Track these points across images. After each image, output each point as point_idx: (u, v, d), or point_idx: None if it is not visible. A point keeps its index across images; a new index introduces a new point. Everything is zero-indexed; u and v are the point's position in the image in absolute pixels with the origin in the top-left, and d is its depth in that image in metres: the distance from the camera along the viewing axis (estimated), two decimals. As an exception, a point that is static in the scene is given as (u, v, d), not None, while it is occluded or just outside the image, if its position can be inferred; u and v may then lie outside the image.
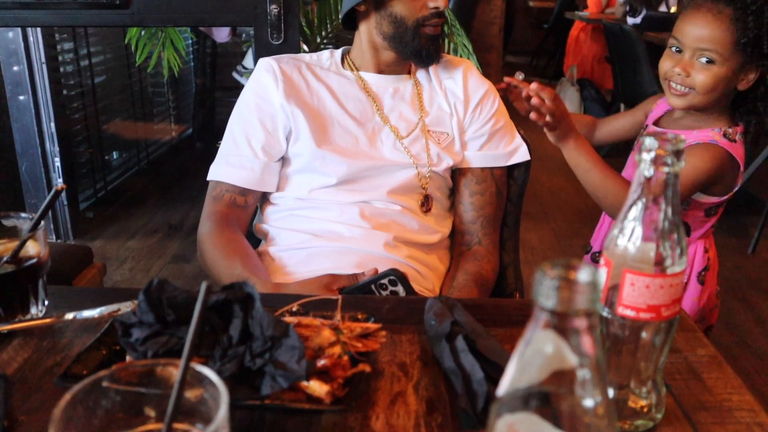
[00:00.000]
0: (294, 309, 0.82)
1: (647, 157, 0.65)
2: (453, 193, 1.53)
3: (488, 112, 1.51)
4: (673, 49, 1.46)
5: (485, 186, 1.51)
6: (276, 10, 1.89)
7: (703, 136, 1.46)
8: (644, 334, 0.68)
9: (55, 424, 0.48)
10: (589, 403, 0.46)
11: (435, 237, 1.46)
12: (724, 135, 1.46)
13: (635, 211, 0.67)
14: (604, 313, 0.69)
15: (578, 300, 0.43)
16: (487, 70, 1.77)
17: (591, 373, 0.45)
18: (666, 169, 0.65)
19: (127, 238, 3.52)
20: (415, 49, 1.44)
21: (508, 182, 1.57)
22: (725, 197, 1.52)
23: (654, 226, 0.67)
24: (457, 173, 1.52)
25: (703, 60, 1.40)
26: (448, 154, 1.48)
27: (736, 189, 1.52)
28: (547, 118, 1.37)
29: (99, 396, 0.54)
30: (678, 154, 0.64)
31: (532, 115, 1.37)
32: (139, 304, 0.71)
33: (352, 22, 1.50)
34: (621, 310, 0.68)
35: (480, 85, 1.53)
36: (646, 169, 0.65)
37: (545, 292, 0.44)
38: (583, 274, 0.43)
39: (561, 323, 0.44)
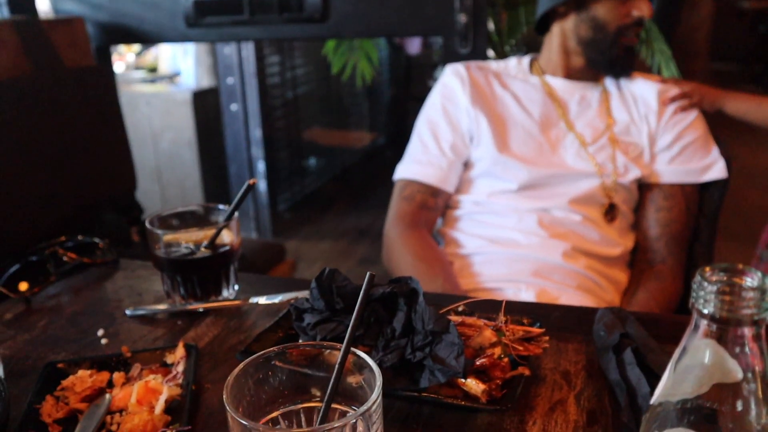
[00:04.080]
0: (460, 309, 0.83)
1: None
2: (638, 207, 1.46)
3: (682, 123, 1.42)
4: None
5: (673, 202, 1.41)
6: (464, 20, 1.91)
7: None
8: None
9: (227, 390, 0.54)
10: (754, 421, 0.42)
11: (617, 250, 1.39)
12: None
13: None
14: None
15: (742, 306, 0.40)
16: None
17: (757, 388, 0.42)
18: None
19: (318, 239, 3.73)
20: (611, 59, 1.40)
21: (702, 197, 1.46)
22: None
23: None
24: (643, 187, 1.45)
25: None
26: (637, 165, 1.41)
27: None
28: (694, 100, 1.46)
29: (268, 371, 0.59)
30: None
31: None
32: (311, 290, 0.76)
33: (544, 23, 1.48)
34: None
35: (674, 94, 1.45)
36: None
37: (705, 297, 0.41)
38: (748, 279, 0.40)
39: (723, 331, 0.41)
